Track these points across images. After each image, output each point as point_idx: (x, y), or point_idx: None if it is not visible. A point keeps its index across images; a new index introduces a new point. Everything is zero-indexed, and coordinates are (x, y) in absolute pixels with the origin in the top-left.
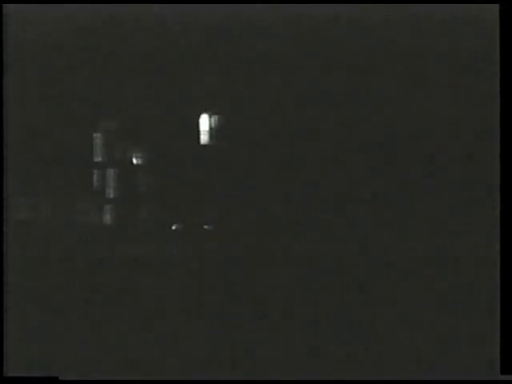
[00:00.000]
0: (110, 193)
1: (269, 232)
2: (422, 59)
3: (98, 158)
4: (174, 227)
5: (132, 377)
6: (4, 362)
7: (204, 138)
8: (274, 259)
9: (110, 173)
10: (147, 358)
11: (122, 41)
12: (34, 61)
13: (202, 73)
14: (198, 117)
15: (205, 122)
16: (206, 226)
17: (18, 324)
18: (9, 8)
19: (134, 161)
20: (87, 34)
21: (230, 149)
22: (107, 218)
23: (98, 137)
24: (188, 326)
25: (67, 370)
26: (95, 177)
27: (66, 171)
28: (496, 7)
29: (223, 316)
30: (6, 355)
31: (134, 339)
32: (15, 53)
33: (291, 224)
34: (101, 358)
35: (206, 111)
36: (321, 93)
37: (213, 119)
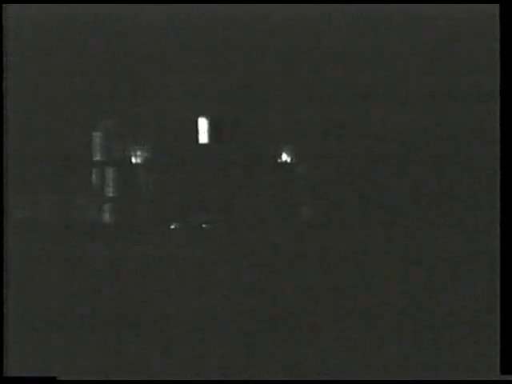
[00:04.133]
0: (109, 191)
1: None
2: (422, 59)
3: (96, 157)
4: (172, 226)
5: (131, 377)
6: (4, 362)
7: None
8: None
9: (109, 171)
10: (146, 358)
11: (122, 40)
12: (34, 60)
13: (202, 73)
14: (197, 117)
15: (203, 123)
16: (204, 225)
17: (17, 324)
18: (9, 8)
19: (134, 160)
20: (87, 33)
21: (229, 148)
22: (106, 217)
23: (97, 135)
24: (188, 326)
25: (67, 370)
26: (94, 175)
27: (66, 170)
28: (496, 7)
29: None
30: (5, 355)
31: (134, 339)
32: (15, 52)
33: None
34: (100, 358)
35: (205, 112)
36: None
37: (211, 119)
